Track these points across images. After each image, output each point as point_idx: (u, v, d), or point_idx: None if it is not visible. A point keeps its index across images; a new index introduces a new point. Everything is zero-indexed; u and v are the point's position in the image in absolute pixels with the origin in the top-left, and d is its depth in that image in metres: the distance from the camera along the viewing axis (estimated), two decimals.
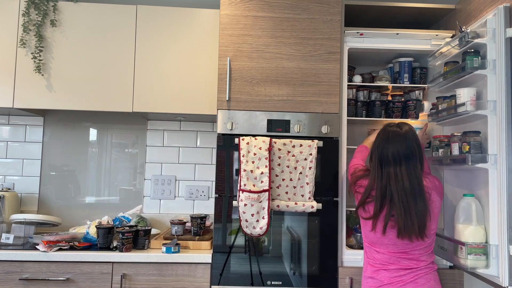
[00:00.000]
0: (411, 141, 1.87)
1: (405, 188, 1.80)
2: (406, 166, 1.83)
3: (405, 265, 1.85)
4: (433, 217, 1.86)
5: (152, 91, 2.50)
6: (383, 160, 1.87)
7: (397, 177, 1.82)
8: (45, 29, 2.49)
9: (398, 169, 1.83)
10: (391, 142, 1.87)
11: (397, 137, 1.87)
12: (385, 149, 1.87)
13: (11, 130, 2.83)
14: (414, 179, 1.82)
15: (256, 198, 2.11)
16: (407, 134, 1.88)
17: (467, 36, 1.94)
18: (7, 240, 2.29)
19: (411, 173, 1.82)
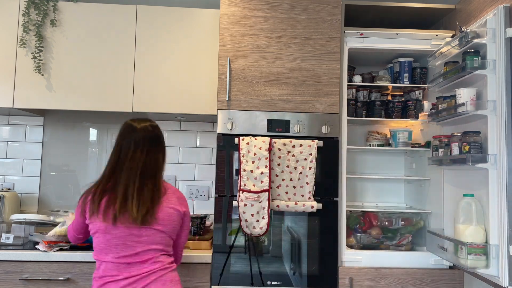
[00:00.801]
0: (155, 130, 1.83)
1: (138, 167, 1.72)
2: (149, 149, 1.77)
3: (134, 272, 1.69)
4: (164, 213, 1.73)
5: (152, 91, 2.50)
6: (121, 151, 1.76)
7: (134, 158, 1.73)
8: (45, 29, 2.49)
9: (139, 153, 1.74)
10: (134, 132, 1.79)
11: (138, 128, 1.80)
12: (129, 137, 1.77)
13: (11, 130, 2.83)
14: (153, 162, 1.76)
15: (256, 198, 2.11)
16: (149, 125, 1.82)
17: (467, 36, 1.94)
18: (7, 240, 2.29)
19: (152, 156, 1.77)
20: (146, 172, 1.75)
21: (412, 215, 2.49)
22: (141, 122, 1.83)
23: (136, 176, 1.72)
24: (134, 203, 1.67)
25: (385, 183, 2.78)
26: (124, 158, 1.75)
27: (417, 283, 2.24)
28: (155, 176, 1.78)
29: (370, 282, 2.23)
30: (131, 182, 1.71)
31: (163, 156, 1.85)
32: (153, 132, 1.82)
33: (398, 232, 2.45)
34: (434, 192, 2.39)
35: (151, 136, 1.81)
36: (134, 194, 1.69)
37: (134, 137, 1.78)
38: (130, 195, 1.69)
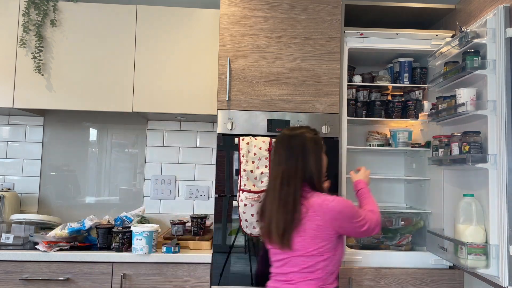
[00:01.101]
0: (296, 142, 1.69)
1: (275, 196, 1.64)
2: (285, 167, 1.65)
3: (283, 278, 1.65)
4: (305, 233, 1.59)
5: (152, 91, 2.50)
6: (272, 163, 1.74)
7: (275, 178, 1.67)
8: (45, 29, 2.49)
9: (277, 170, 1.67)
10: (277, 146, 1.73)
11: (282, 140, 1.72)
12: (273, 152, 1.74)
13: (11, 130, 2.83)
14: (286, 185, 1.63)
15: (256, 198, 2.11)
16: (293, 136, 1.71)
17: (467, 36, 1.94)
18: (7, 240, 2.29)
19: (284, 176, 1.64)
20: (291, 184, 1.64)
21: (412, 215, 2.49)
22: (294, 130, 1.74)
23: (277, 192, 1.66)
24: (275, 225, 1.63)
25: (385, 183, 2.78)
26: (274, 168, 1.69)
27: (417, 283, 2.24)
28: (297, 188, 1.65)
29: (370, 282, 2.23)
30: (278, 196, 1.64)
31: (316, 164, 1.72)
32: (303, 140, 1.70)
33: (398, 232, 2.45)
34: (434, 192, 2.39)
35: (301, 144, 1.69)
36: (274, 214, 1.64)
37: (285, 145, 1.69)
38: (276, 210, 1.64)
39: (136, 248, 2.17)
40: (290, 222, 1.59)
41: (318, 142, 1.73)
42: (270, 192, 1.68)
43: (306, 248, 1.60)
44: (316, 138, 1.73)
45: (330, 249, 1.62)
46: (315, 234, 1.60)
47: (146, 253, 2.17)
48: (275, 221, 1.61)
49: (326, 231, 1.60)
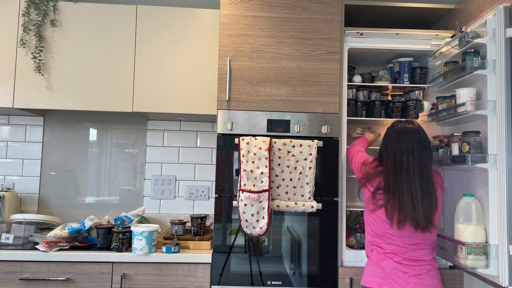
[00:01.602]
0: (423, 135, 1.92)
1: (415, 181, 1.83)
2: (420, 160, 1.86)
3: (411, 257, 1.88)
4: (438, 211, 1.90)
5: (152, 91, 2.50)
6: (396, 155, 1.89)
7: (409, 170, 1.85)
8: (45, 29, 2.49)
9: (411, 163, 1.85)
10: (404, 137, 1.90)
11: (410, 132, 1.91)
12: (399, 144, 1.89)
13: (11, 130, 2.83)
14: (425, 173, 1.85)
15: (256, 198, 2.11)
16: (419, 129, 1.94)
17: (467, 36, 1.94)
18: (7, 240, 2.29)
19: (422, 166, 1.85)
20: (423, 179, 1.85)
21: None
22: (413, 123, 1.96)
23: (417, 186, 1.84)
24: (419, 210, 1.82)
25: None
26: (399, 166, 1.88)
27: None
28: (430, 180, 1.88)
29: None
30: (414, 192, 1.84)
31: (431, 156, 1.93)
32: (425, 133, 1.95)
33: None
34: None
35: (426, 137, 1.94)
36: (418, 201, 1.82)
37: (405, 143, 1.89)
38: (415, 202, 1.82)
39: (136, 248, 2.18)
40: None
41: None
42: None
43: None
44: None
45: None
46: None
47: (146, 253, 2.17)
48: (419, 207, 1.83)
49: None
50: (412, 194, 1.83)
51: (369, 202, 1.97)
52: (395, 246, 1.89)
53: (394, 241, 1.90)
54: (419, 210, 1.81)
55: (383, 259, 1.91)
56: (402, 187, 1.84)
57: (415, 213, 1.82)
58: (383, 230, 1.92)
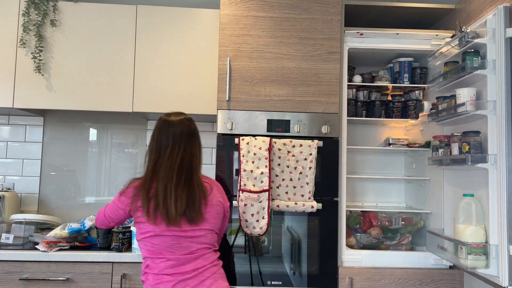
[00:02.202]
0: (189, 123, 1.79)
1: (176, 164, 1.69)
2: (185, 145, 1.73)
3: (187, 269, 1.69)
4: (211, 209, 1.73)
5: (152, 91, 2.50)
6: (162, 145, 1.73)
7: (172, 156, 1.70)
8: (45, 29, 2.49)
9: (176, 150, 1.71)
10: (170, 127, 1.75)
11: (174, 122, 1.76)
12: (164, 134, 1.74)
13: (11, 130, 2.83)
14: (189, 157, 1.72)
15: (256, 198, 2.11)
16: (184, 119, 1.79)
17: (467, 36, 1.94)
18: (7, 240, 2.29)
19: (187, 151, 1.72)
20: (183, 169, 1.71)
21: (412, 215, 2.49)
22: (175, 116, 1.80)
23: (174, 173, 1.68)
24: (173, 203, 1.65)
25: (385, 183, 2.78)
26: (163, 155, 1.72)
27: (417, 283, 2.24)
28: (192, 172, 1.73)
29: (370, 282, 2.23)
30: (169, 181, 1.67)
31: (200, 149, 1.81)
32: (189, 126, 1.78)
33: (398, 232, 2.45)
34: (434, 192, 2.39)
35: (188, 130, 1.77)
36: (172, 193, 1.66)
37: (171, 132, 1.75)
38: (168, 194, 1.66)
39: (136, 248, 2.18)
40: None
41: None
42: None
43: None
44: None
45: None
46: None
47: None
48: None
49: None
50: (168, 180, 1.67)
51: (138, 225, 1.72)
52: (166, 261, 1.68)
53: (165, 254, 1.68)
54: (172, 199, 1.64)
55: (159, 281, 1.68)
56: (160, 173, 1.69)
57: (166, 202, 1.64)
58: (151, 244, 1.68)
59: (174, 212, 1.64)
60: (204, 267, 1.71)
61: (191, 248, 1.70)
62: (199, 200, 1.70)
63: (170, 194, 1.66)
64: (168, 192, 1.66)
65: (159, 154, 1.73)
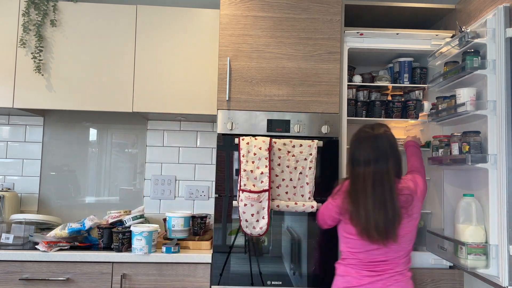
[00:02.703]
0: (382, 142, 1.85)
1: (367, 192, 1.78)
2: (374, 169, 1.80)
3: (376, 268, 1.83)
4: (408, 221, 1.83)
5: (152, 91, 2.50)
6: (354, 162, 1.86)
7: (365, 179, 1.80)
8: (45, 29, 2.49)
9: (366, 171, 1.80)
10: (362, 144, 1.87)
11: (368, 139, 1.86)
12: (357, 151, 1.87)
13: (11, 130, 2.83)
14: (379, 183, 1.79)
15: (256, 198, 2.11)
16: (378, 136, 1.86)
17: (467, 36, 1.94)
18: (7, 240, 2.29)
19: (377, 176, 1.79)
20: (385, 183, 1.78)
21: None
22: (376, 129, 1.88)
23: (369, 190, 1.78)
24: (371, 223, 1.75)
25: None
26: (356, 173, 1.83)
27: (417, 283, 2.24)
28: (390, 188, 1.79)
29: None
30: (372, 196, 1.77)
31: (397, 162, 1.88)
32: (388, 139, 1.86)
33: None
34: (434, 192, 2.39)
35: (389, 144, 1.86)
36: (370, 212, 1.75)
37: (370, 145, 1.84)
38: (372, 210, 1.75)
39: (136, 248, 2.18)
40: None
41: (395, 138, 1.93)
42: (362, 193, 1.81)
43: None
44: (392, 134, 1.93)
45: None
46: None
47: (145, 253, 2.17)
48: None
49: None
50: (366, 204, 1.77)
51: (342, 226, 1.93)
52: (361, 261, 1.85)
53: (362, 256, 1.85)
54: (370, 222, 1.75)
55: (350, 272, 1.87)
56: (358, 197, 1.80)
57: (368, 226, 1.76)
58: (353, 245, 1.87)
59: (377, 234, 1.76)
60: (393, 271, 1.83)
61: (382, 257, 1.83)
62: (398, 220, 1.78)
63: (369, 216, 1.76)
64: (369, 213, 1.76)
65: (352, 168, 1.86)
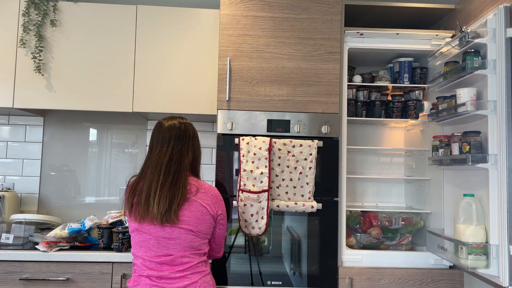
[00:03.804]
0: (182, 125, 1.79)
1: (162, 163, 1.69)
2: (175, 144, 1.74)
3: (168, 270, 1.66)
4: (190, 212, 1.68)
5: (152, 91, 2.49)
6: (152, 147, 1.77)
7: (160, 155, 1.71)
8: (45, 29, 2.49)
9: (164, 149, 1.72)
10: (161, 128, 1.79)
11: (166, 124, 1.79)
12: (158, 134, 1.78)
13: (11, 130, 2.83)
14: (177, 157, 1.72)
15: (255, 198, 2.11)
16: (177, 122, 1.80)
17: (467, 36, 1.94)
18: (7, 240, 2.29)
19: (175, 152, 1.72)
20: (170, 169, 1.69)
21: (412, 215, 2.48)
22: (169, 120, 1.81)
23: (160, 173, 1.68)
24: (155, 201, 1.64)
25: (385, 183, 2.78)
26: (152, 155, 1.75)
27: (417, 283, 2.24)
28: (179, 172, 1.71)
29: (370, 282, 2.23)
30: (155, 180, 1.67)
31: (193, 152, 1.80)
32: (180, 128, 1.79)
33: (398, 232, 2.45)
34: (434, 192, 2.39)
35: (178, 132, 1.77)
36: (156, 191, 1.65)
37: (162, 134, 1.77)
38: (152, 193, 1.65)
39: None
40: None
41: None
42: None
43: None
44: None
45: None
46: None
47: None
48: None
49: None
50: (153, 178, 1.67)
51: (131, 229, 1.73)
52: (149, 262, 1.67)
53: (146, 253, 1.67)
54: (155, 198, 1.63)
55: (138, 281, 1.68)
56: (146, 173, 1.70)
57: (149, 201, 1.64)
58: (134, 240, 1.71)
59: (156, 211, 1.63)
60: (183, 271, 1.66)
61: (168, 250, 1.66)
62: (178, 202, 1.66)
63: (155, 193, 1.65)
64: (153, 190, 1.66)
65: (150, 154, 1.76)
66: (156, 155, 1.73)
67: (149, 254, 1.67)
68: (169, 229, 1.66)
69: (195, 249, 1.70)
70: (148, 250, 1.67)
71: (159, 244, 1.66)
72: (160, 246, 1.66)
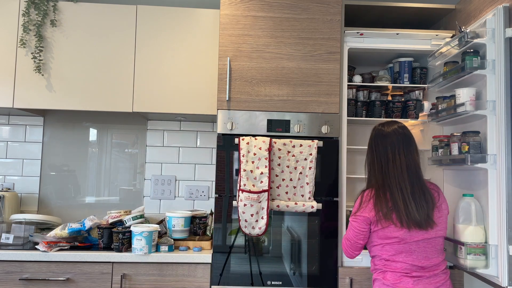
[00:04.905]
0: (406, 130, 1.86)
1: (403, 176, 1.78)
2: (405, 152, 1.81)
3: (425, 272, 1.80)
4: (441, 211, 1.83)
5: (152, 91, 2.50)
6: (382, 154, 1.83)
7: (395, 165, 1.79)
8: (45, 29, 2.49)
9: (397, 156, 1.80)
10: (387, 135, 1.85)
11: (389, 132, 1.85)
12: (383, 143, 1.84)
13: (11, 130, 2.83)
14: (412, 167, 1.80)
15: (255, 198, 2.12)
16: (401, 125, 1.87)
17: (467, 36, 1.94)
18: (7, 240, 2.29)
19: (409, 158, 1.80)
20: (411, 175, 1.79)
21: None
22: (390, 126, 1.87)
23: (406, 180, 1.78)
24: (414, 207, 1.74)
25: None
26: (385, 163, 1.81)
27: None
28: (420, 178, 1.82)
29: (370, 282, 2.23)
30: (404, 187, 1.76)
31: (418, 155, 1.86)
32: (404, 133, 1.85)
33: None
34: None
35: (403, 137, 1.84)
36: (411, 201, 1.75)
37: (388, 141, 1.83)
38: (407, 199, 1.75)
39: (136, 248, 2.18)
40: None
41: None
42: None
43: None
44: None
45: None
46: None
47: (145, 253, 2.17)
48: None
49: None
50: (402, 188, 1.76)
51: (376, 234, 1.82)
52: (405, 264, 1.78)
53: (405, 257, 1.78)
54: (411, 206, 1.74)
55: (400, 280, 1.78)
56: (391, 182, 1.78)
57: (408, 209, 1.74)
58: (394, 247, 1.80)
59: (419, 217, 1.74)
60: (438, 270, 1.81)
61: (427, 252, 1.78)
62: (432, 206, 1.78)
63: (410, 202, 1.75)
64: (407, 200, 1.75)
65: (381, 165, 1.83)
66: (391, 165, 1.81)
67: (410, 259, 1.80)
68: (430, 232, 1.79)
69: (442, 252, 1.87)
70: (410, 256, 1.80)
71: (418, 248, 1.80)
72: (420, 251, 1.80)
